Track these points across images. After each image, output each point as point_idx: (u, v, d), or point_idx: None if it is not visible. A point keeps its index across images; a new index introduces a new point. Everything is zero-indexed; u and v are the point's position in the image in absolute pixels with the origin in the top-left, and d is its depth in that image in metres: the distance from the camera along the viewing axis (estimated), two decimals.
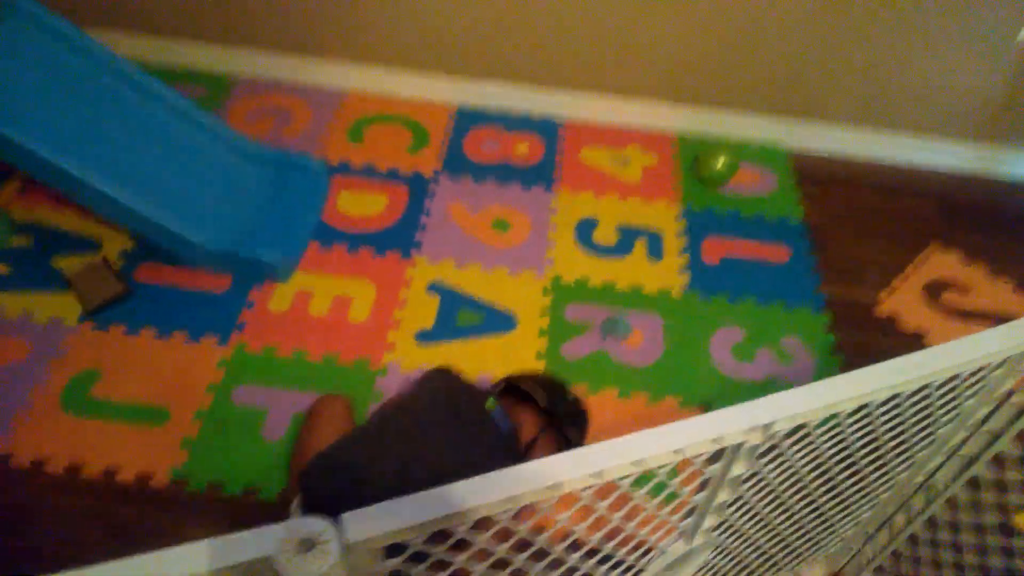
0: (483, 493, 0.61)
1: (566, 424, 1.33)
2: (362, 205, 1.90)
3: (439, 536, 0.60)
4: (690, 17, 1.98)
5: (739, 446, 0.75)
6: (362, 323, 1.64)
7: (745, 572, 1.15)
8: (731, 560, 1.09)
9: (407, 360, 1.58)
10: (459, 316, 1.68)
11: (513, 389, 1.38)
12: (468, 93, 2.20)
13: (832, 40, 1.99)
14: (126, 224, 1.61)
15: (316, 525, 0.53)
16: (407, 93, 2.21)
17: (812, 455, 0.91)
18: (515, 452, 1.27)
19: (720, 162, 2.02)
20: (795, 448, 0.85)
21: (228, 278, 1.69)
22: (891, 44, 1.98)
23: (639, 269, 1.82)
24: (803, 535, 1.14)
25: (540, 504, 0.64)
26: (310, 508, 1.12)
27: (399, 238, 1.82)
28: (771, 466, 0.87)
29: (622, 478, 0.68)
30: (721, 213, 1.99)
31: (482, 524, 0.63)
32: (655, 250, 1.87)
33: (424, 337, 1.63)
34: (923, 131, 2.16)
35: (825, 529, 1.17)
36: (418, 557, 0.62)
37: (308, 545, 0.52)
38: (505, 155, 2.09)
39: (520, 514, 0.64)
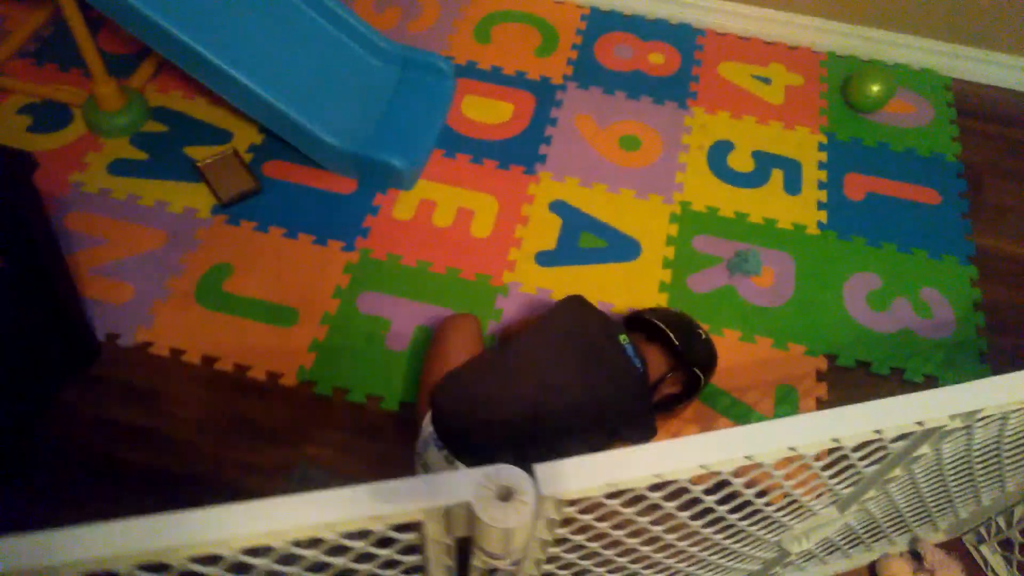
0: (676, 457, 0.59)
1: (692, 363, 1.30)
2: (487, 111, 1.83)
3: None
4: None
5: (935, 430, 0.70)
6: (484, 238, 1.61)
7: (872, 530, 1.12)
8: (863, 522, 1.07)
9: (527, 280, 1.56)
10: (581, 239, 1.63)
11: (640, 323, 1.34)
12: None
13: None
14: (257, 116, 1.61)
15: (515, 477, 0.53)
16: None
17: (992, 439, 0.86)
18: (646, 391, 1.26)
19: (876, 87, 1.84)
20: (980, 432, 0.80)
21: (353, 181, 1.67)
22: None
23: (774, 201, 1.72)
24: (945, 505, 1.10)
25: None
26: (440, 428, 1.14)
27: (523, 150, 1.76)
28: (948, 447, 0.83)
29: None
30: (869, 144, 1.84)
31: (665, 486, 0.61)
32: (793, 182, 1.76)
33: (545, 259, 1.60)
34: None
35: (971, 499, 1.12)
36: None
37: (505, 494, 0.52)
38: (638, 63, 1.96)
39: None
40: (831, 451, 0.69)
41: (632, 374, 1.24)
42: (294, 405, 1.37)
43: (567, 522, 0.63)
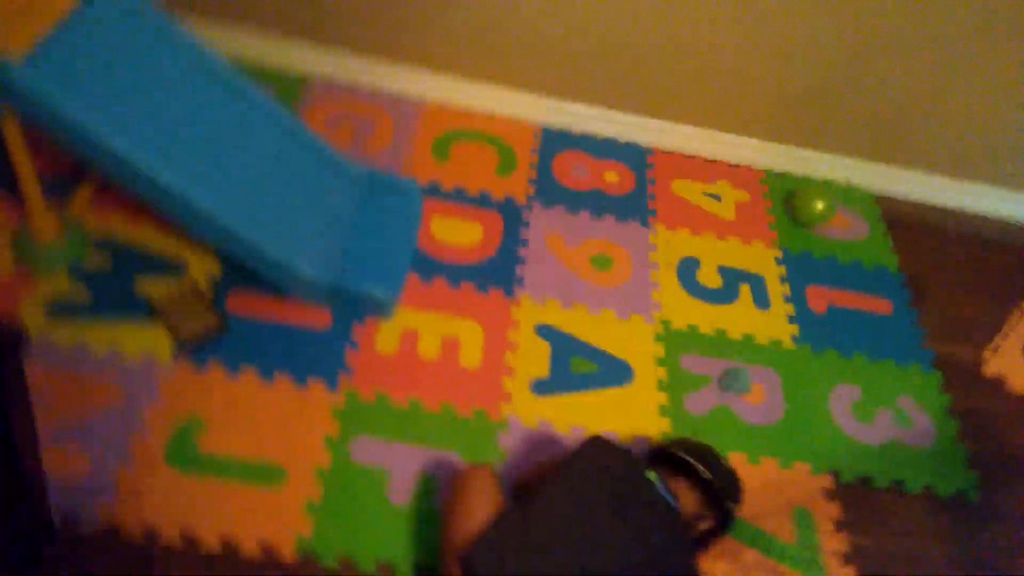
0: None
1: (724, 497, 1.26)
2: (457, 233, 1.77)
3: None
4: (786, 53, 1.91)
5: None
6: (475, 369, 1.53)
7: None
8: None
9: (526, 412, 1.48)
10: (572, 364, 1.58)
11: (665, 457, 1.29)
12: (552, 112, 2.09)
13: (938, 87, 1.94)
14: (217, 245, 1.46)
15: None
16: (489, 108, 2.09)
17: None
18: (684, 530, 1.20)
19: (821, 204, 1.96)
20: None
21: (327, 313, 1.55)
22: (993, 99, 1.95)
23: (748, 316, 1.76)
24: None
25: None
26: None
27: (500, 272, 1.71)
28: None
29: None
30: (820, 257, 1.93)
31: None
32: (760, 296, 1.81)
33: (541, 387, 1.53)
34: (1016, 185, 2.15)
35: None
36: None
37: None
38: (596, 183, 1.99)
39: None
40: None
41: (668, 513, 1.18)
42: None
43: None
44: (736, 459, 1.49)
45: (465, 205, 1.84)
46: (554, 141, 2.08)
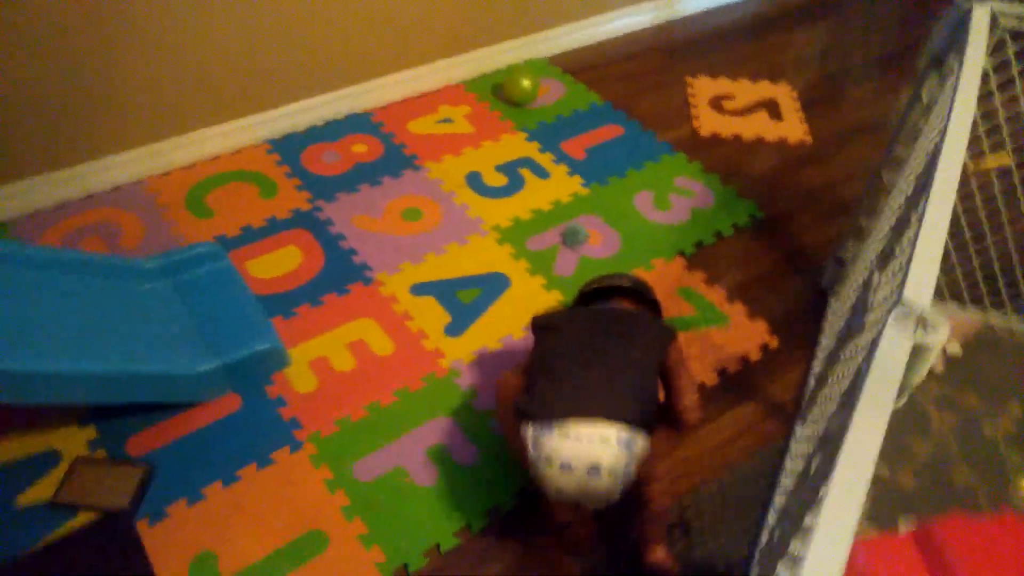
0: None
1: (647, 291, 1.43)
2: (279, 263, 1.75)
3: None
4: None
5: None
6: (394, 351, 1.58)
7: None
8: None
9: (460, 352, 1.58)
10: (461, 298, 1.70)
11: (591, 294, 1.43)
12: (266, 125, 2.08)
13: None
14: (93, 401, 1.31)
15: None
16: (209, 151, 2.01)
17: None
18: (656, 315, 1.42)
19: (526, 82, 2.25)
20: None
21: (233, 396, 1.47)
22: None
23: (543, 189, 2.00)
24: None
25: None
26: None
27: (345, 272, 1.74)
28: None
29: None
30: (552, 121, 2.24)
31: None
32: (538, 171, 2.06)
33: (453, 329, 1.63)
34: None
35: None
36: None
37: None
38: (351, 159, 2.06)
39: None
40: None
41: (636, 313, 1.36)
42: None
43: None
44: None
45: (265, 238, 1.81)
46: (288, 147, 2.08)
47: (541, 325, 1.32)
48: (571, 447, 1.13)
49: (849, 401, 0.78)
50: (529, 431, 1.17)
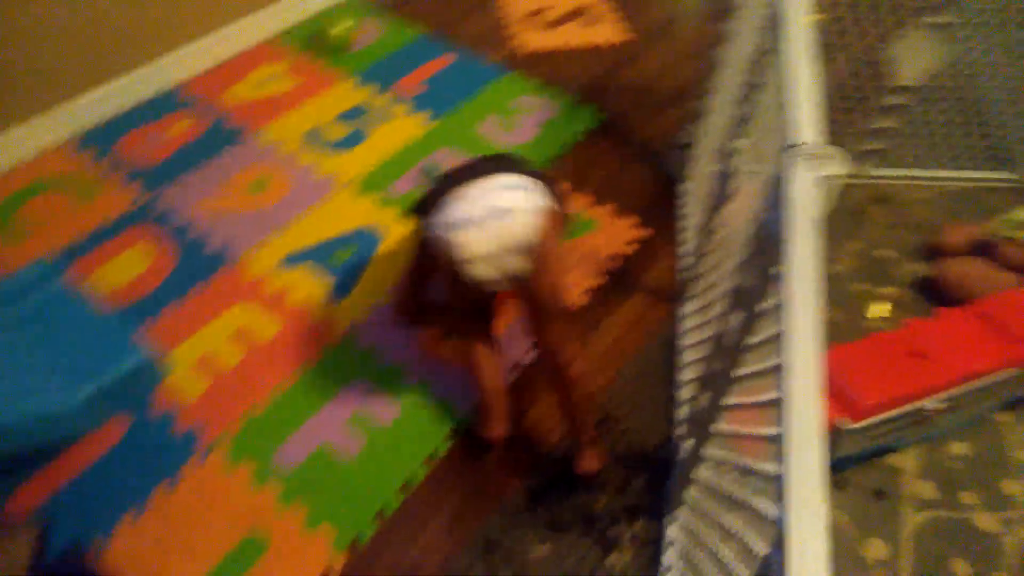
0: None
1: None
2: (127, 268, 1.60)
3: None
4: None
5: None
6: (282, 330, 1.50)
7: None
8: None
9: (353, 316, 1.53)
10: (338, 259, 1.63)
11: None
12: (64, 122, 1.85)
13: None
14: None
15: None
16: (4, 165, 1.77)
17: None
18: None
19: (341, 27, 2.14)
20: None
21: (116, 422, 1.34)
22: None
23: (391, 133, 1.94)
24: None
25: None
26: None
27: (204, 260, 1.62)
28: None
29: None
30: (380, 59, 2.15)
31: None
32: (381, 114, 1.99)
33: (337, 294, 1.57)
34: None
35: None
36: None
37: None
38: (175, 141, 1.89)
39: None
40: None
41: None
42: None
43: None
44: None
45: (101, 245, 1.63)
46: (97, 140, 1.87)
47: (421, 199, 1.27)
48: (473, 199, 1.13)
49: (760, 246, 0.83)
50: (438, 234, 1.15)
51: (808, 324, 0.63)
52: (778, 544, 0.57)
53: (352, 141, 1.91)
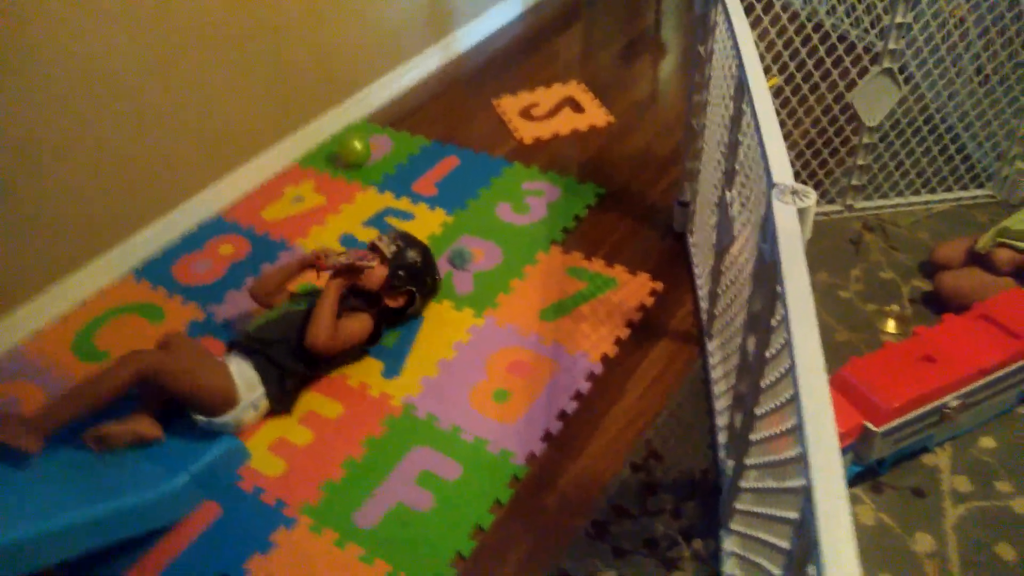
0: None
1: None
2: None
3: None
4: (208, 96, 2.22)
5: None
6: (345, 410, 1.65)
7: None
8: None
9: (407, 390, 1.68)
10: (384, 344, 1.79)
11: None
12: (122, 259, 2.06)
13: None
14: (79, 552, 1.27)
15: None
16: (77, 296, 1.97)
17: None
18: None
19: (359, 145, 2.38)
20: None
21: (209, 505, 1.47)
22: None
23: (413, 230, 2.09)
24: None
25: None
26: None
27: None
28: None
29: None
30: (398, 170, 2.38)
31: None
32: (403, 215, 2.20)
33: (389, 373, 1.73)
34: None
35: None
36: None
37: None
38: (223, 263, 2.09)
39: None
40: None
41: None
42: None
43: None
44: (522, 285, 1.93)
45: None
46: (154, 270, 2.07)
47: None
48: None
49: (762, 274, 0.99)
50: None
51: (808, 325, 0.78)
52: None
53: None
